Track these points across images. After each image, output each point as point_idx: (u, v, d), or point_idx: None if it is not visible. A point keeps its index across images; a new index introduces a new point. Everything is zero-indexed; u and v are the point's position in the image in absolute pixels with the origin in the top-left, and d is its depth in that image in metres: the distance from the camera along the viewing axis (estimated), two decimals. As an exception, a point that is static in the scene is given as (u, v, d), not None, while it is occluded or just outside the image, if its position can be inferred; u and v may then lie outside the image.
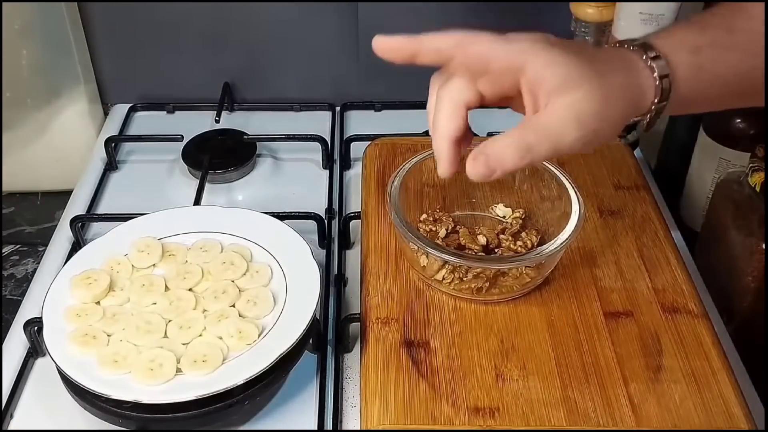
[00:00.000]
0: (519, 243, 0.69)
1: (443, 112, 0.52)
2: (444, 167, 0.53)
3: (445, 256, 0.63)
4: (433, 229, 0.71)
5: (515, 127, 0.49)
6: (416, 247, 0.65)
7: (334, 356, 0.69)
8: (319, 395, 0.65)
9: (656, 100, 0.51)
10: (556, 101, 0.48)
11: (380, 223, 0.73)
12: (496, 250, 0.70)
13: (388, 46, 0.53)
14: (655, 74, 0.51)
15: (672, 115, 0.55)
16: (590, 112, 0.48)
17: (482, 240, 0.70)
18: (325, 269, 0.76)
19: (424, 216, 0.73)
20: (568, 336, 0.63)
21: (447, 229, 0.71)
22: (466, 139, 0.53)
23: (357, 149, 0.88)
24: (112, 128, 0.99)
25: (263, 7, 0.96)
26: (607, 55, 0.52)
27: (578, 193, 0.67)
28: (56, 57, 0.93)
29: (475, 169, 0.49)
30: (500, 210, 0.75)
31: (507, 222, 0.73)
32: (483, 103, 0.52)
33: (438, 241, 0.68)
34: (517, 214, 0.73)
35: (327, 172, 0.91)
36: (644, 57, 0.51)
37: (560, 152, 0.49)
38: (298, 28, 0.98)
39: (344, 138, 0.93)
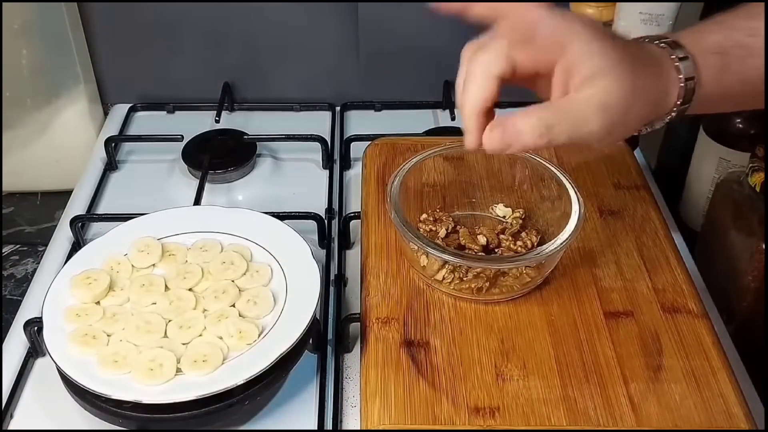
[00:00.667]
0: (519, 243, 0.69)
1: (474, 82, 0.51)
2: (471, 139, 0.52)
3: (445, 256, 0.63)
4: (433, 229, 0.71)
5: (537, 105, 0.49)
6: (416, 247, 0.65)
7: (334, 356, 0.69)
8: (319, 395, 0.65)
9: (679, 102, 0.51)
10: (587, 88, 0.48)
11: (380, 223, 0.73)
12: (496, 250, 0.70)
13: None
14: (681, 75, 0.51)
15: (693, 114, 0.55)
16: (616, 103, 0.48)
17: (482, 240, 0.70)
18: (325, 269, 0.76)
19: (424, 216, 0.73)
20: (568, 335, 0.63)
21: (447, 229, 0.71)
22: (493, 112, 0.52)
23: (357, 149, 0.88)
24: (112, 128, 0.99)
25: (263, 7, 0.96)
26: (641, 51, 0.52)
27: (578, 193, 0.67)
28: (56, 57, 0.93)
29: (490, 140, 0.49)
30: (500, 210, 0.75)
31: (507, 222, 0.73)
32: (513, 79, 0.51)
33: (438, 241, 0.68)
34: (517, 214, 0.73)
35: (327, 172, 0.91)
36: (672, 56, 0.51)
37: (579, 139, 0.48)
38: (298, 28, 0.98)
39: (344, 138, 0.93)
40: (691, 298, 0.66)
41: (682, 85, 0.51)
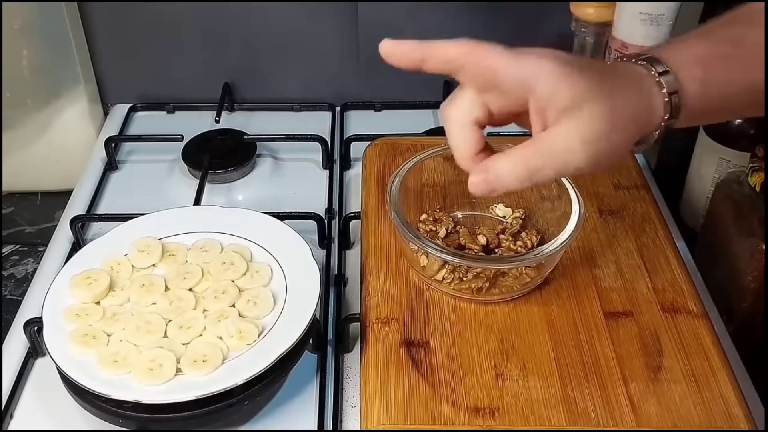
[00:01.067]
0: (519, 243, 0.69)
1: (455, 135, 0.51)
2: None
3: (445, 256, 0.63)
4: (433, 229, 0.71)
5: (521, 146, 0.48)
6: (416, 247, 0.65)
7: (334, 356, 0.69)
8: (319, 395, 0.65)
9: (666, 117, 0.50)
10: (563, 122, 0.47)
11: (380, 223, 0.73)
12: (496, 250, 0.70)
13: (396, 50, 0.51)
14: (664, 90, 0.50)
15: (680, 127, 0.54)
16: (597, 134, 0.47)
17: (482, 240, 0.70)
18: (325, 269, 0.76)
19: (424, 216, 0.73)
20: (568, 336, 0.63)
21: (447, 229, 0.71)
22: (490, 149, 0.52)
23: (357, 149, 0.88)
24: (112, 128, 0.99)
25: (263, 7, 0.96)
26: (615, 72, 0.51)
27: (578, 193, 0.67)
28: (56, 57, 0.93)
29: (476, 185, 0.49)
30: (500, 210, 0.75)
31: (507, 222, 0.73)
32: (492, 121, 0.52)
33: (438, 241, 0.68)
34: (517, 214, 0.73)
35: (327, 172, 0.91)
36: (652, 72, 0.50)
37: (566, 174, 0.48)
38: (298, 28, 0.98)
39: (344, 138, 0.93)
40: (691, 298, 0.66)
41: (667, 99, 0.50)
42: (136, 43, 0.99)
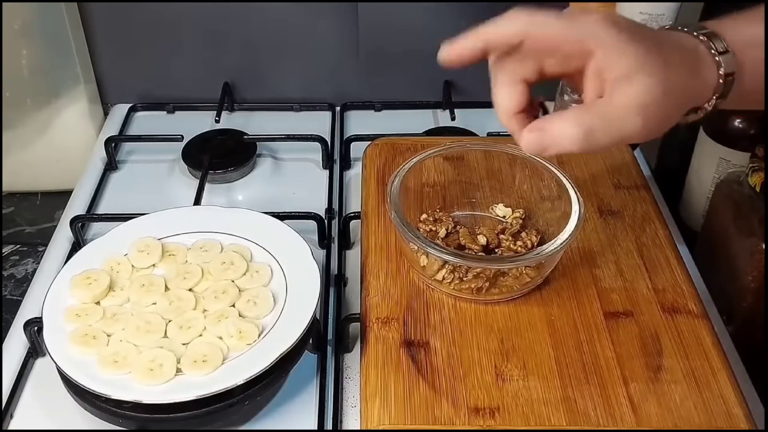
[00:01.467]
0: (519, 243, 0.69)
1: (500, 91, 0.52)
2: (517, 140, 0.52)
3: (445, 256, 0.63)
4: (433, 229, 0.71)
5: (576, 108, 0.48)
6: (416, 247, 0.65)
7: (334, 356, 0.69)
8: (319, 395, 0.65)
9: (715, 97, 0.50)
10: (622, 90, 0.47)
11: (380, 223, 0.73)
12: (496, 250, 0.70)
13: (457, 53, 0.51)
14: (721, 71, 0.49)
15: (728, 109, 0.53)
16: (654, 101, 0.47)
17: (482, 240, 0.70)
18: (325, 269, 0.76)
19: (424, 216, 0.73)
20: (568, 336, 0.63)
21: (447, 229, 0.71)
22: (533, 107, 0.52)
23: (357, 149, 0.88)
24: (112, 128, 0.99)
25: (263, 7, 0.96)
26: (674, 42, 0.51)
27: (578, 193, 0.67)
28: (56, 57, 0.93)
29: (529, 143, 0.49)
30: (500, 210, 0.74)
31: (507, 222, 0.73)
32: (541, 80, 0.52)
33: (438, 241, 0.69)
34: (517, 214, 0.73)
35: (327, 172, 0.91)
36: (712, 50, 0.50)
37: (622, 141, 0.48)
38: (298, 28, 0.98)
39: (344, 138, 0.93)
40: (691, 299, 0.66)
41: (722, 81, 0.49)
42: (136, 43, 0.99)
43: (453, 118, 0.97)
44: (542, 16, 0.49)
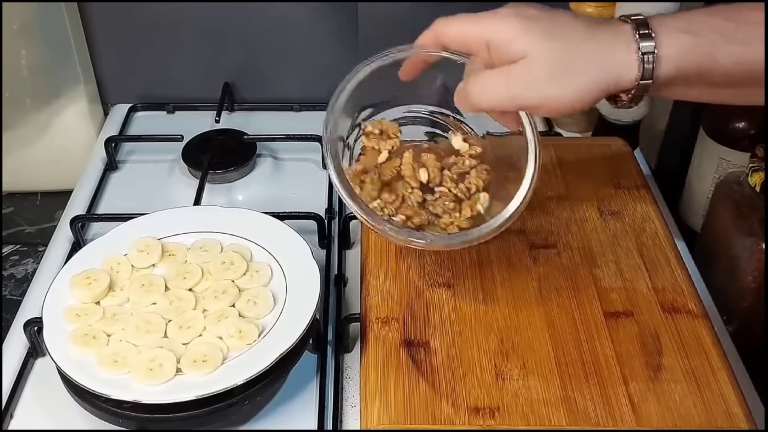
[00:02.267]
0: (462, 185, 0.63)
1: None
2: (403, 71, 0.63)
3: (374, 223, 0.58)
4: (376, 147, 0.64)
5: (491, 71, 0.55)
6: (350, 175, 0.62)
7: (334, 356, 0.69)
8: (319, 395, 0.65)
9: (640, 76, 0.53)
10: (526, 59, 0.53)
11: (380, 223, 0.73)
12: (435, 189, 0.64)
13: (408, 71, 0.63)
14: (639, 48, 0.52)
15: (665, 96, 0.57)
16: (558, 69, 0.53)
17: (423, 175, 0.63)
18: (325, 269, 0.76)
19: (370, 127, 0.64)
20: (568, 335, 0.63)
21: (391, 149, 0.63)
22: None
23: (357, 149, 0.88)
24: (112, 128, 0.99)
25: (263, 7, 0.96)
26: (593, 24, 0.55)
27: (538, 160, 0.59)
28: (56, 57, 0.93)
29: (459, 99, 0.59)
30: (456, 142, 0.65)
31: (461, 158, 0.65)
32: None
33: (376, 165, 0.63)
34: (473, 152, 0.65)
35: (327, 172, 0.90)
36: (634, 33, 0.53)
37: (551, 109, 0.56)
38: (298, 28, 0.98)
39: (344, 138, 0.93)
40: (691, 298, 0.66)
41: (639, 57, 0.52)
42: (136, 43, 0.99)
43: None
44: (452, 18, 0.59)
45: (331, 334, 0.70)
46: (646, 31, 0.53)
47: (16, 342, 0.70)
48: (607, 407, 0.58)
